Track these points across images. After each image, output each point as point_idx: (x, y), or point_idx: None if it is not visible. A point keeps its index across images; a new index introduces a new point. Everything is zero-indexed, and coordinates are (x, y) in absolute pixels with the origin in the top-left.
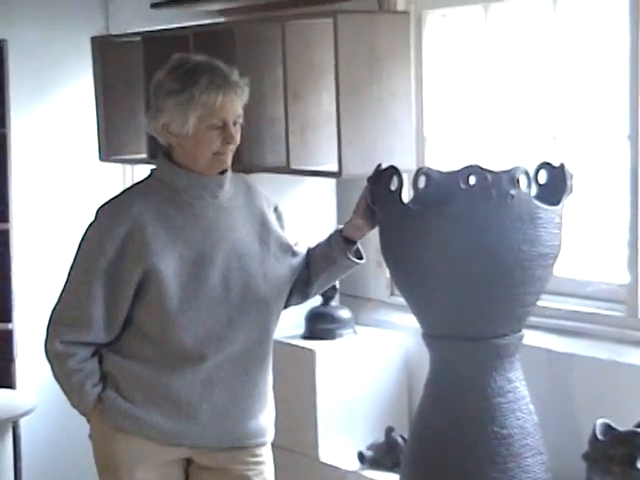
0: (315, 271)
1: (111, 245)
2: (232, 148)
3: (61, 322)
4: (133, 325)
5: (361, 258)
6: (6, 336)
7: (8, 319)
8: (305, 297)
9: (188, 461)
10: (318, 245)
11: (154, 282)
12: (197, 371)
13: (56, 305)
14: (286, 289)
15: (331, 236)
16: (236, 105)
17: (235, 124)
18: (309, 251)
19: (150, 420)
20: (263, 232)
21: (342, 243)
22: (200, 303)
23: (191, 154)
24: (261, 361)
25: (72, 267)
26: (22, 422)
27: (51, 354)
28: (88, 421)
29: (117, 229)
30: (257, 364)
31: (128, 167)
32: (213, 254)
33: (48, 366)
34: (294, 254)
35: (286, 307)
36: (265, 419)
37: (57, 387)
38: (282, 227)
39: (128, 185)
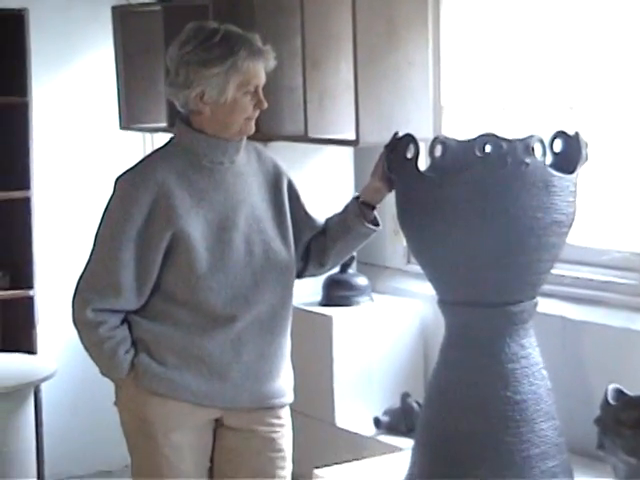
0: (332, 239)
1: (138, 211)
2: (258, 114)
3: (90, 290)
4: (162, 290)
5: (377, 225)
6: (28, 302)
7: (30, 285)
8: (321, 267)
9: (217, 422)
10: (335, 214)
11: (183, 246)
12: (227, 332)
13: (83, 274)
14: (298, 250)
15: (348, 204)
16: (265, 72)
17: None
18: (326, 220)
19: (184, 382)
20: (278, 195)
21: (359, 210)
22: (227, 265)
23: (223, 120)
24: (284, 321)
25: (97, 236)
26: (43, 387)
27: (81, 323)
28: (120, 388)
29: (143, 195)
30: (281, 324)
31: (148, 135)
32: (235, 217)
33: (69, 332)
34: (309, 217)
35: (302, 277)
36: (287, 379)
37: (78, 353)
38: (297, 195)
39: (148, 153)
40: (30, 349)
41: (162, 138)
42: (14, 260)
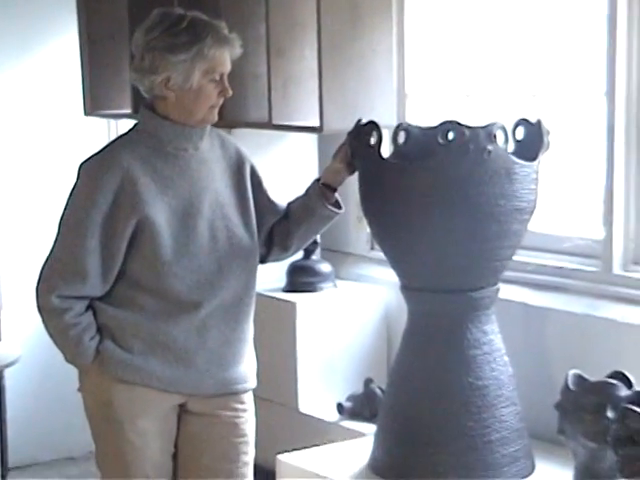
0: (295, 223)
1: (103, 197)
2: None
3: (55, 277)
4: (127, 276)
5: (340, 208)
6: None
7: None
8: (285, 251)
9: (181, 407)
10: (297, 198)
11: (148, 232)
12: (192, 318)
13: (47, 261)
14: (261, 236)
15: (310, 187)
16: (230, 59)
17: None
18: (289, 204)
19: (149, 368)
20: (240, 183)
21: (320, 192)
22: (191, 251)
23: (188, 107)
24: (248, 307)
25: (62, 223)
26: (7, 373)
27: (46, 310)
28: (84, 375)
29: (108, 181)
30: (244, 310)
31: (112, 122)
32: (199, 204)
33: (33, 319)
34: (272, 202)
35: (266, 262)
36: (251, 365)
37: (42, 339)
38: (260, 181)
39: (112, 139)
40: None
41: (126, 124)
42: None
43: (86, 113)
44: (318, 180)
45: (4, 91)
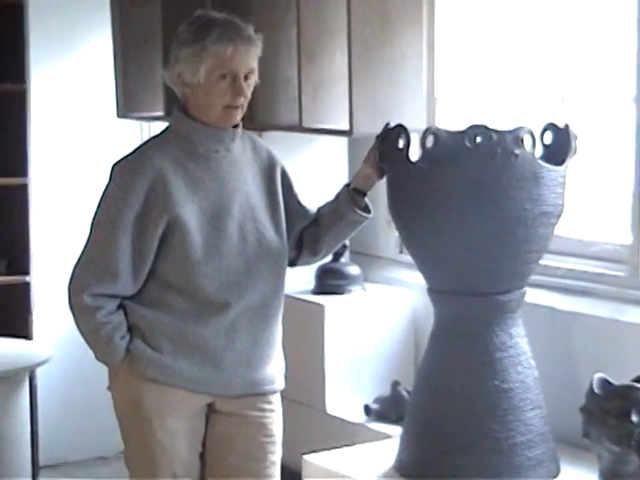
0: (324, 227)
1: (135, 197)
2: (242, 103)
3: (88, 275)
4: (157, 276)
5: (369, 213)
6: (24, 288)
7: (26, 272)
8: (314, 255)
9: (209, 407)
10: (327, 203)
11: (178, 232)
12: (221, 319)
13: (80, 260)
14: (290, 240)
15: (339, 192)
16: (247, 58)
17: (247, 78)
18: (319, 209)
19: (178, 368)
20: (272, 185)
21: (350, 197)
22: (221, 252)
23: (202, 105)
24: (276, 309)
25: (94, 222)
26: (38, 372)
27: (78, 308)
28: (114, 373)
29: (140, 181)
30: (273, 312)
31: (145, 124)
32: (229, 205)
33: (64, 319)
34: (302, 206)
35: (295, 266)
36: (279, 366)
37: (73, 339)
38: (290, 185)
39: (145, 141)
40: (26, 334)
41: (159, 127)
42: (11, 246)
43: (119, 115)
44: (348, 185)
45: (40, 93)
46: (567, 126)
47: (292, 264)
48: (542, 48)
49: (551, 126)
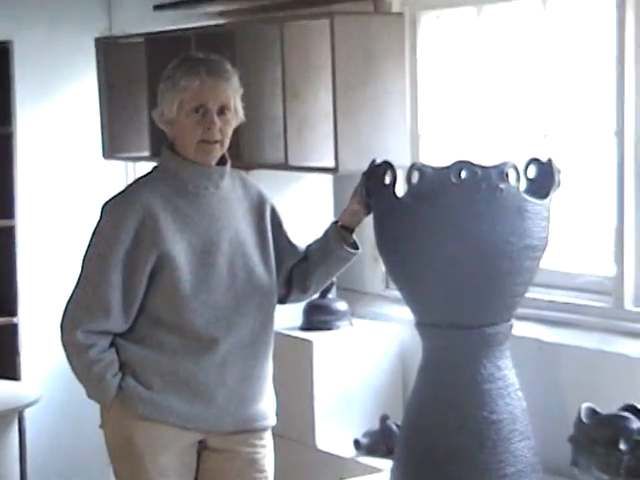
0: (314, 264)
1: (125, 233)
2: (218, 138)
3: (80, 312)
4: (147, 312)
5: (357, 249)
6: (11, 329)
7: (13, 313)
8: (304, 292)
9: (200, 444)
10: (315, 241)
11: (167, 268)
12: (211, 355)
13: (71, 297)
14: (279, 277)
15: (327, 229)
16: (217, 92)
17: (222, 114)
18: (308, 247)
19: (169, 405)
20: (261, 223)
21: (338, 234)
22: (210, 287)
23: (180, 140)
24: (266, 345)
25: (86, 259)
26: (26, 413)
27: (71, 346)
28: (106, 411)
29: (130, 218)
30: (262, 348)
31: (130, 164)
32: (219, 241)
33: (52, 359)
34: (291, 244)
35: (285, 303)
36: (270, 402)
37: (61, 379)
38: (280, 223)
39: (130, 181)
40: (14, 376)
41: (144, 167)
42: None
43: (105, 156)
44: (336, 222)
45: (26, 135)
46: (550, 160)
47: (282, 301)
48: (523, 85)
49: (534, 160)
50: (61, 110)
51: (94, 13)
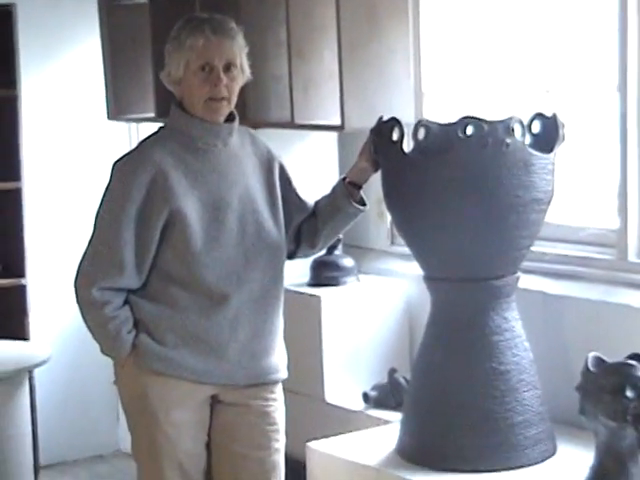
0: (322, 220)
1: (137, 191)
2: (225, 95)
3: (94, 270)
4: (159, 268)
5: (364, 205)
6: (20, 291)
7: (21, 274)
8: (312, 248)
9: (213, 398)
10: (323, 197)
11: (179, 224)
12: (223, 311)
13: (85, 255)
14: (289, 232)
15: (335, 186)
16: (222, 49)
17: (228, 71)
18: (316, 203)
19: (183, 360)
20: (271, 178)
21: (346, 190)
22: (221, 243)
23: (189, 99)
24: (276, 299)
25: (98, 217)
26: (36, 373)
27: (86, 303)
28: (120, 367)
29: (141, 176)
30: (273, 303)
31: (134, 126)
32: (229, 198)
33: (60, 320)
34: (300, 199)
35: (294, 258)
36: (281, 356)
37: (69, 340)
38: (289, 179)
39: (134, 142)
40: (23, 336)
41: (148, 128)
42: (6, 250)
43: (109, 117)
44: (344, 179)
45: (30, 98)
46: (555, 115)
47: (291, 257)
48: (526, 40)
49: (539, 115)
50: (65, 72)
51: None
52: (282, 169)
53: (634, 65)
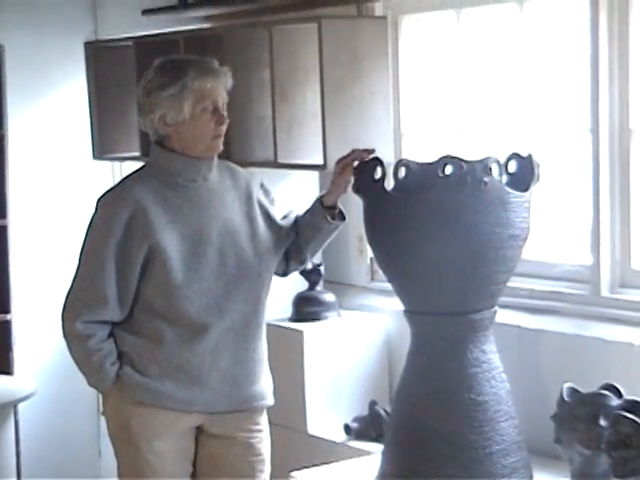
0: (304, 239)
1: (118, 227)
2: (224, 130)
3: (79, 304)
4: (142, 301)
5: (344, 219)
6: (5, 326)
7: (6, 310)
8: (302, 263)
9: (198, 430)
10: (304, 214)
11: (159, 257)
12: (204, 341)
13: (70, 289)
14: (275, 260)
15: (313, 205)
16: (222, 90)
17: (224, 109)
18: (297, 219)
19: (166, 391)
20: (250, 210)
21: (323, 210)
22: (201, 276)
23: (190, 140)
24: (257, 328)
25: (82, 253)
26: (20, 407)
27: (71, 336)
28: (105, 398)
29: (122, 212)
30: (254, 331)
31: (117, 166)
32: (209, 231)
33: (45, 354)
34: (281, 227)
35: (287, 275)
36: (266, 383)
37: (53, 374)
38: (271, 201)
39: (117, 181)
40: (7, 370)
41: (131, 167)
42: None
43: (95, 157)
44: (320, 200)
45: (17, 137)
46: (530, 155)
47: (284, 274)
48: (502, 84)
49: (515, 155)
50: (51, 112)
51: (80, 18)
52: (260, 202)
53: (605, 108)
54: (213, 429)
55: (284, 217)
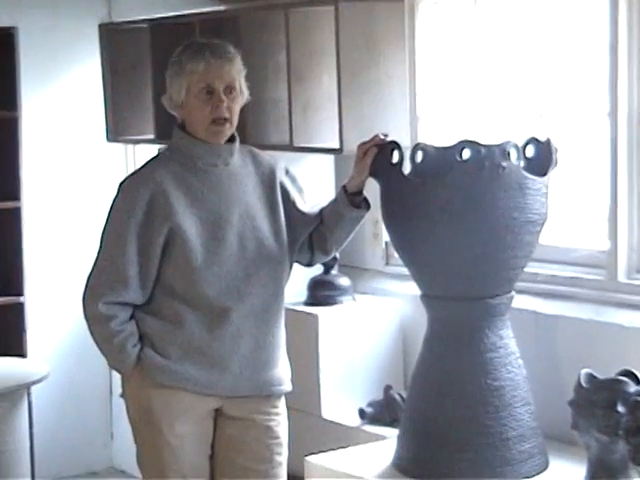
0: (329, 228)
1: (139, 209)
2: (227, 116)
3: (101, 285)
4: (162, 284)
5: (368, 207)
6: (18, 308)
7: (20, 293)
8: (326, 254)
9: (217, 412)
10: (328, 204)
11: (179, 240)
12: (225, 324)
13: (92, 271)
14: (296, 246)
15: (337, 194)
16: (222, 73)
17: (229, 92)
18: (322, 210)
19: (186, 373)
20: (272, 195)
21: (346, 198)
22: (220, 259)
23: (191, 122)
24: (277, 313)
25: (104, 235)
26: (34, 390)
27: (93, 317)
28: (125, 380)
29: (143, 194)
30: (274, 316)
31: (130, 148)
32: (229, 216)
33: (57, 337)
34: (304, 214)
35: (312, 265)
36: (284, 369)
37: (66, 357)
38: (299, 189)
39: (131, 163)
40: (21, 353)
41: (145, 149)
42: (5, 268)
43: (109, 139)
44: (344, 187)
45: (31, 119)
46: (548, 140)
47: (309, 264)
48: (519, 67)
49: (533, 140)
50: (65, 94)
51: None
52: (283, 187)
53: (624, 92)
54: (232, 411)
55: (311, 207)
